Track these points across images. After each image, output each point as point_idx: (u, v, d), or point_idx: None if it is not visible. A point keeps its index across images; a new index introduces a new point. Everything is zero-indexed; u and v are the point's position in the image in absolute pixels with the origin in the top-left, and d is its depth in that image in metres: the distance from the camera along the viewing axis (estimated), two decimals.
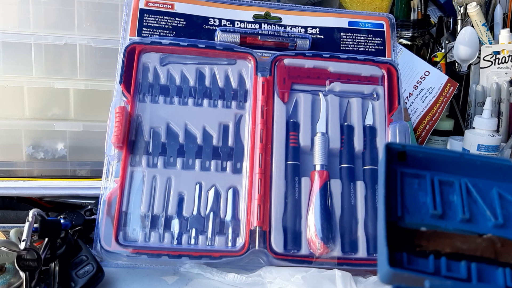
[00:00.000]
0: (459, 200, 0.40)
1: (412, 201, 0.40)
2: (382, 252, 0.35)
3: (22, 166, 0.70)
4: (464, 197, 0.40)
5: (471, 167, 0.41)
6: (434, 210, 0.39)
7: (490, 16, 0.91)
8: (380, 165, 0.40)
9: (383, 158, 0.40)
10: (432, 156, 0.41)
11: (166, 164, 0.57)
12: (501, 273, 0.37)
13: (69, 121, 0.71)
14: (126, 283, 0.52)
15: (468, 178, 0.41)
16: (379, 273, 0.35)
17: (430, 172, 0.41)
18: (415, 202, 0.40)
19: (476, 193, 0.40)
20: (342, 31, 0.67)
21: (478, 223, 0.39)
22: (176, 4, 0.64)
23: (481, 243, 0.37)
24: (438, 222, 0.39)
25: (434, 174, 0.41)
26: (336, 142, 0.60)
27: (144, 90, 0.60)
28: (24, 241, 0.48)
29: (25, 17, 0.68)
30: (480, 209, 0.40)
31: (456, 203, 0.40)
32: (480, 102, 0.87)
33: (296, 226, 0.56)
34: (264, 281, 0.52)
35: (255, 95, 0.61)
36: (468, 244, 0.37)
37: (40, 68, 0.69)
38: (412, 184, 0.41)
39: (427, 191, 0.40)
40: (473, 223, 0.39)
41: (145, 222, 0.55)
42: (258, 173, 0.57)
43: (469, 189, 0.41)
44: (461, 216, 0.39)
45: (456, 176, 0.41)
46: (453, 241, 0.38)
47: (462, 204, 0.40)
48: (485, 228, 0.39)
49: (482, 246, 0.37)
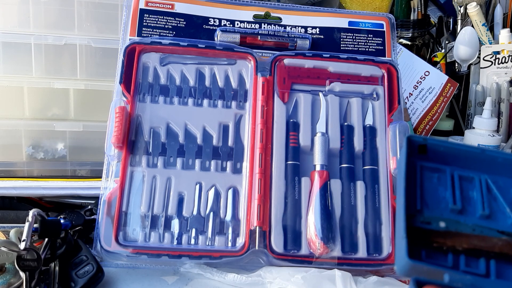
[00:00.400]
0: (479, 196, 0.39)
1: (431, 195, 0.39)
2: (400, 245, 0.35)
3: (22, 166, 0.70)
4: (484, 193, 0.39)
5: (492, 163, 0.40)
6: (454, 204, 0.39)
7: (490, 16, 0.91)
8: (401, 158, 0.39)
9: (404, 150, 0.39)
10: (453, 151, 0.40)
11: (166, 164, 0.57)
12: None
13: (69, 121, 0.71)
14: (126, 283, 0.52)
15: (489, 175, 0.40)
16: (397, 266, 0.35)
17: (450, 167, 0.41)
18: (434, 196, 0.39)
19: (497, 190, 0.39)
20: (342, 31, 0.67)
21: (498, 220, 0.39)
22: (176, 4, 0.64)
23: (497, 243, 0.37)
24: (458, 217, 0.39)
25: (454, 169, 0.40)
26: (336, 142, 0.60)
27: (144, 90, 0.60)
28: (24, 241, 0.48)
29: (25, 17, 0.68)
30: (500, 206, 0.39)
31: (476, 199, 0.39)
32: (480, 102, 0.87)
33: (296, 226, 0.56)
34: (264, 281, 0.52)
35: (255, 95, 0.61)
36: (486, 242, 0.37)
37: (40, 68, 0.69)
38: (432, 178, 0.40)
39: (447, 185, 0.40)
40: (492, 219, 0.39)
41: (145, 222, 0.55)
42: (258, 173, 0.57)
43: (489, 186, 0.40)
44: (480, 212, 0.39)
45: (476, 172, 0.40)
46: (470, 239, 0.37)
47: (482, 200, 0.39)
48: (505, 225, 0.38)
49: (499, 244, 0.37)
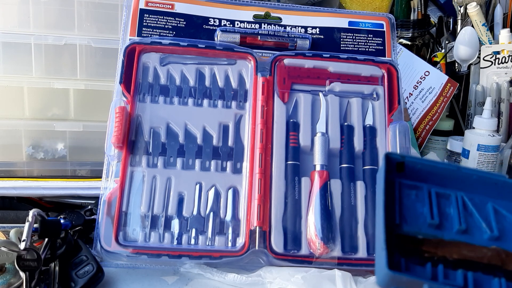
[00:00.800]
0: (456, 212, 0.40)
1: (409, 211, 0.40)
2: (380, 256, 0.35)
3: (22, 166, 0.70)
4: (460, 209, 0.41)
5: (467, 181, 0.41)
6: (432, 219, 0.40)
7: (490, 16, 0.91)
8: (379, 174, 0.40)
9: (383, 167, 0.40)
10: (430, 168, 0.41)
11: (166, 164, 0.57)
12: (497, 282, 0.37)
13: (69, 121, 0.71)
14: (126, 283, 0.52)
15: (464, 192, 0.42)
16: (377, 277, 0.36)
17: (428, 184, 0.42)
18: (412, 212, 0.40)
19: (472, 207, 0.41)
20: (342, 31, 0.67)
21: (474, 235, 0.40)
22: (176, 4, 0.64)
23: (487, 252, 0.38)
24: (435, 232, 0.40)
25: (431, 186, 0.42)
26: (336, 142, 0.60)
27: (144, 90, 0.60)
28: (24, 241, 0.48)
29: (25, 17, 0.68)
30: (476, 221, 0.40)
31: (453, 215, 0.40)
32: (480, 102, 0.87)
33: (296, 226, 0.56)
34: (264, 281, 0.52)
35: (255, 95, 0.61)
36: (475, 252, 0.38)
37: (40, 68, 0.69)
38: (410, 195, 0.41)
39: (425, 202, 0.41)
40: (469, 234, 0.40)
41: (145, 222, 0.55)
42: (258, 173, 0.57)
43: (465, 203, 0.41)
44: (457, 227, 0.40)
45: (452, 189, 0.42)
46: (460, 249, 0.38)
47: (459, 216, 0.40)
48: (481, 240, 0.39)
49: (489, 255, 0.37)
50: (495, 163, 0.77)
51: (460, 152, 0.80)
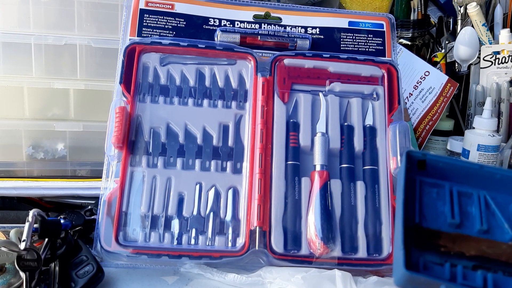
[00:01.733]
0: (477, 211, 0.40)
1: (430, 209, 0.40)
2: (398, 256, 0.35)
3: (22, 166, 0.70)
4: (482, 209, 0.40)
5: (490, 180, 0.41)
6: (452, 219, 0.39)
7: (490, 16, 0.91)
8: (400, 171, 0.40)
9: (403, 165, 0.40)
10: (452, 167, 0.41)
11: (166, 164, 0.57)
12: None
13: (69, 121, 0.71)
14: (126, 283, 0.52)
15: (487, 191, 0.41)
16: (394, 277, 0.35)
17: (449, 183, 0.41)
18: (433, 210, 0.40)
19: (495, 206, 0.40)
20: (342, 31, 0.67)
21: (496, 235, 0.39)
22: (176, 4, 0.64)
23: (507, 249, 0.37)
24: (456, 231, 0.39)
25: (453, 185, 0.41)
26: (336, 142, 0.60)
27: (144, 90, 0.60)
28: (24, 241, 0.48)
29: (25, 17, 0.68)
30: (498, 221, 0.40)
31: (474, 214, 0.40)
32: (480, 102, 0.87)
33: (296, 226, 0.56)
34: (264, 281, 0.52)
35: (255, 95, 0.61)
36: (494, 248, 0.37)
37: (40, 68, 0.69)
38: (431, 193, 0.41)
39: (446, 200, 0.40)
40: (490, 234, 0.39)
41: (145, 222, 0.55)
42: (258, 173, 0.57)
43: (487, 202, 0.41)
44: (479, 227, 0.39)
45: (475, 188, 0.41)
46: (479, 244, 0.38)
47: (480, 215, 0.40)
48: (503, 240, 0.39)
49: (508, 252, 0.37)
50: (495, 163, 0.77)
51: (460, 152, 0.80)
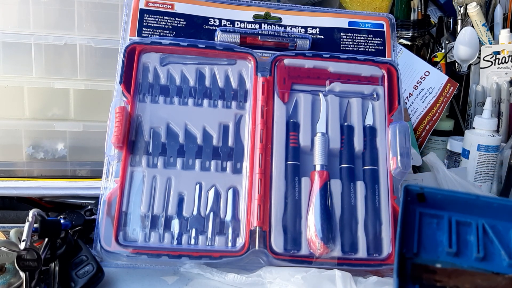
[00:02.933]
0: (475, 239, 0.41)
1: (429, 239, 0.42)
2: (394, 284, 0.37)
3: (22, 166, 0.70)
4: (480, 237, 0.41)
5: (487, 208, 0.42)
6: (449, 248, 0.41)
7: (490, 16, 0.91)
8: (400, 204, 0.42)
9: (402, 198, 0.42)
10: (450, 198, 0.43)
11: (166, 164, 0.57)
12: None
13: (69, 121, 0.71)
14: (126, 283, 0.52)
15: (485, 219, 0.42)
16: None
17: (449, 213, 0.43)
18: (432, 240, 0.42)
19: (493, 234, 0.41)
20: (342, 31, 0.67)
21: (493, 262, 0.40)
22: (176, 4, 0.64)
23: (501, 281, 0.38)
24: (454, 259, 0.41)
25: (452, 215, 0.43)
26: (336, 142, 0.60)
27: (144, 90, 0.60)
28: (24, 241, 0.48)
29: (25, 17, 0.68)
30: (495, 248, 0.41)
31: (473, 243, 0.41)
32: (480, 102, 0.87)
33: (296, 226, 0.56)
34: (264, 281, 0.52)
35: (255, 95, 0.61)
36: (489, 281, 0.39)
37: (40, 68, 0.69)
38: (431, 224, 0.43)
39: (445, 230, 0.42)
40: (487, 261, 0.40)
41: (145, 222, 0.55)
42: (258, 173, 0.57)
43: (485, 230, 0.42)
44: (475, 255, 0.40)
45: (473, 217, 0.43)
46: (474, 278, 0.39)
47: (478, 243, 0.41)
48: (500, 267, 0.40)
49: (502, 284, 0.38)
50: (495, 163, 0.77)
51: (460, 152, 0.80)
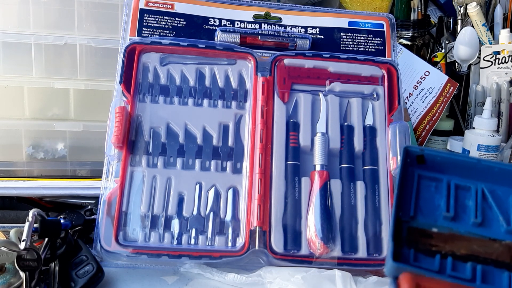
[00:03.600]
0: (474, 204, 0.41)
1: (427, 202, 0.41)
2: (388, 247, 0.36)
3: (22, 166, 0.70)
4: (479, 202, 0.41)
5: (488, 173, 0.41)
6: (447, 212, 0.40)
7: (490, 16, 0.91)
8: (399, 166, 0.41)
9: (401, 159, 0.41)
10: (450, 161, 0.42)
11: (166, 164, 0.57)
12: (507, 276, 0.37)
13: (69, 121, 0.71)
14: (126, 283, 0.52)
15: (486, 183, 0.42)
16: (385, 267, 0.37)
17: (448, 176, 0.42)
18: (430, 204, 0.41)
19: (492, 199, 0.41)
20: (342, 31, 0.67)
21: (491, 228, 0.40)
22: (176, 4, 0.64)
23: (498, 248, 0.38)
24: (451, 224, 0.40)
25: (452, 178, 0.42)
26: (336, 142, 0.60)
27: (144, 90, 0.60)
28: (24, 241, 0.48)
29: (25, 17, 0.68)
30: (494, 214, 0.40)
31: (471, 207, 0.41)
32: (480, 102, 0.87)
33: (296, 226, 0.56)
34: (264, 281, 0.52)
35: (255, 95, 0.61)
36: (485, 247, 0.38)
37: (40, 68, 0.69)
38: (429, 187, 0.42)
39: (443, 194, 0.41)
40: (485, 227, 0.40)
41: (145, 222, 0.55)
42: (258, 173, 0.57)
43: (485, 195, 0.41)
44: (473, 220, 0.40)
45: (473, 181, 0.42)
46: (470, 243, 0.39)
47: (476, 208, 0.40)
48: (497, 233, 0.40)
49: (499, 251, 0.38)
50: None
51: (460, 152, 0.80)
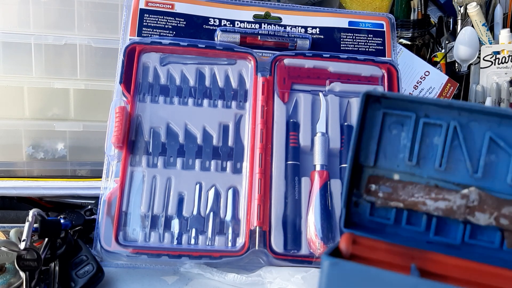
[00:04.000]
0: (441, 145, 0.37)
1: (391, 144, 0.38)
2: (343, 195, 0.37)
3: (22, 166, 0.70)
4: (447, 142, 0.37)
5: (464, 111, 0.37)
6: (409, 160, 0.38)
7: (490, 16, 0.91)
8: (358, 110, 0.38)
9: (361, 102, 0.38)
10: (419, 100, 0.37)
11: (166, 164, 0.57)
12: (461, 228, 0.37)
13: (69, 121, 0.71)
14: (126, 283, 0.52)
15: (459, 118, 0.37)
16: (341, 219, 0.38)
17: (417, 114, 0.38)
18: (395, 147, 0.38)
19: (462, 139, 0.37)
20: (342, 31, 0.67)
21: (455, 173, 0.37)
22: (176, 4, 0.64)
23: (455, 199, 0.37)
24: (413, 169, 0.38)
25: (421, 117, 0.38)
26: (336, 142, 0.60)
27: (144, 90, 0.60)
28: (24, 241, 0.48)
29: (25, 17, 0.68)
30: (461, 157, 0.37)
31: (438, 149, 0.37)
32: (480, 102, 0.87)
33: (296, 226, 0.56)
34: (264, 281, 0.52)
35: (255, 95, 0.61)
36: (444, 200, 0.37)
37: (40, 68, 0.69)
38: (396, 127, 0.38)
39: (409, 134, 0.38)
40: (449, 172, 0.37)
41: (145, 222, 0.55)
42: (258, 173, 0.57)
43: (456, 134, 0.37)
44: (438, 162, 0.37)
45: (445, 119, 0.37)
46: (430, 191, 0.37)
47: (443, 151, 0.37)
48: (462, 178, 0.37)
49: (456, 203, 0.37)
50: None
51: None
